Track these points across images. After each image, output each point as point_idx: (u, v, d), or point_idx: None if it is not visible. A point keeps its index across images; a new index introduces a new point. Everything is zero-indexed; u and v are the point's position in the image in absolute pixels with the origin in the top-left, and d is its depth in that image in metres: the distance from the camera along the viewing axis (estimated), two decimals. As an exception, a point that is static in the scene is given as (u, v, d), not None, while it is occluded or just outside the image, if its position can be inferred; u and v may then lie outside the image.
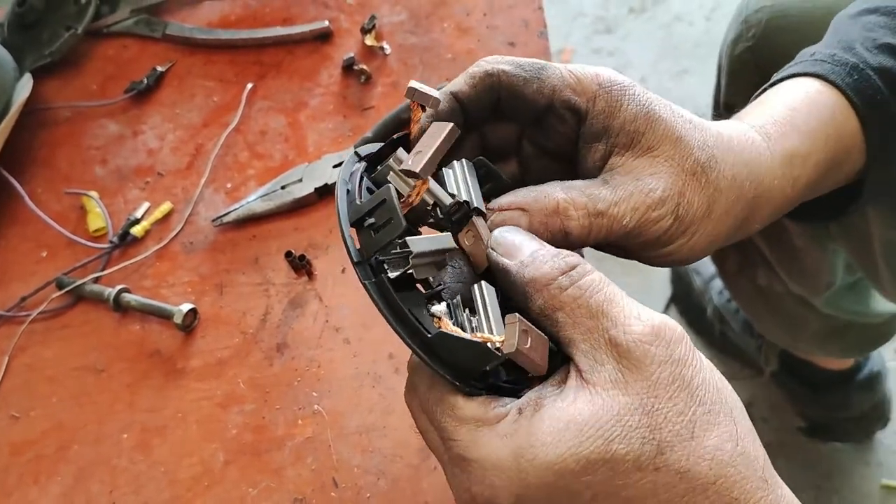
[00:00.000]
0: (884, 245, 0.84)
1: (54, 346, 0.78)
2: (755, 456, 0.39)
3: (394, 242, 0.42)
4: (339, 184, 0.46)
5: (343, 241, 0.44)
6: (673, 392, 0.39)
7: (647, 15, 2.00)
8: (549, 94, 0.49)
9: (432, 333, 0.41)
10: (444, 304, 0.44)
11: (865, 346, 1.25)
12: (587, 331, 0.41)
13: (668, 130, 0.49)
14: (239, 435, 0.70)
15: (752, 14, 0.85)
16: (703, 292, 1.55)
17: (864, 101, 0.57)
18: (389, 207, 0.43)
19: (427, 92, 0.47)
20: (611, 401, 0.39)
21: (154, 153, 0.87)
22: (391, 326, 0.42)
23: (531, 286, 0.42)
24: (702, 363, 0.40)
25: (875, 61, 0.58)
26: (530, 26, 0.84)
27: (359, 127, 0.83)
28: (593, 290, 0.41)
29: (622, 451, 0.38)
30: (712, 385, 0.40)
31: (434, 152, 0.44)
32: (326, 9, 0.91)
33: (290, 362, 0.73)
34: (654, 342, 0.39)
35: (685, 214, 0.49)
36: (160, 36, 0.93)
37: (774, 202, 0.54)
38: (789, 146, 0.54)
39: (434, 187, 0.47)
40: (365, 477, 0.66)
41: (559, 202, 0.47)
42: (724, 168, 0.50)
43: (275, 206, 0.80)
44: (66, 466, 0.71)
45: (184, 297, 0.78)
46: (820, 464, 1.45)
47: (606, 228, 0.48)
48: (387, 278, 0.42)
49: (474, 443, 0.41)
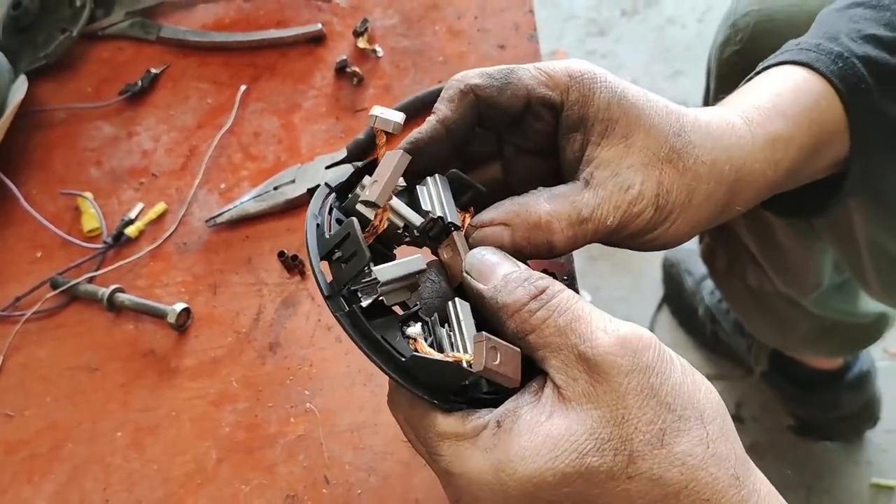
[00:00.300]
0: (869, 244, 0.85)
1: (48, 346, 0.78)
2: (726, 456, 0.40)
3: (361, 273, 0.44)
4: (308, 218, 0.48)
5: (314, 276, 0.45)
6: (642, 401, 0.40)
7: (639, 17, 2.02)
8: (525, 96, 0.50)
9: (406, 357, 0.43)
10: (419, 325, 0.45)
11: (854, 345, 1.27)
12: (557, 349, 0.42)
13: (641, 117, 0.50)
14: (232, 433, 0.71)
15: (740, 18, 0.86)
16: (694, 292, 1.56)
17: (849, 88, 0.58)
18: (353, 240, 0.44)
19: (389, 118, 0.48)
20: (584, 415, 0.40)
21: (148, 154, 0.88)
22: (365, 354, 0.44)
23: (503, 312, 0.44)
24: (672, 367, 0.41)
25: (860, 51, 0.59)
26: (521, 29, 0.85)
27: (351, 129, 0.84)
28: (561, 310, 0.42)
29: (595, 463, 0.39)
30: (683, 389, 0.41)
31: (388, 179, 0.46)
32: (319, 12, 0.92)
33: (283, 361, 0.73)
34: (619, 353, 0.40)
35: (665, 203, 0.50)
36: (154, 38, 0.94)
37: (756, 185, 0.55)
38: (772, 129, 0.55)
39: (402, 209, 0.48)
40: (356, 474, 0.67)
41: (541, 216, 0.48)
42: (701, 153, 0.51)
43: (268, 207, 0.80)
44: (59, 465, 0.72)
45: (177, 296, 0.78)
46: (810, 463, 1.46)
47: (591, 232, 0.49)
48: (359, 308, 0.43)
49: (457, 458, 0.43)
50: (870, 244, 0.85)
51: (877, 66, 0.58)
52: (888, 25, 0.61)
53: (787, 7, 0.81)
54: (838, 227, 0.87)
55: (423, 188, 0.51)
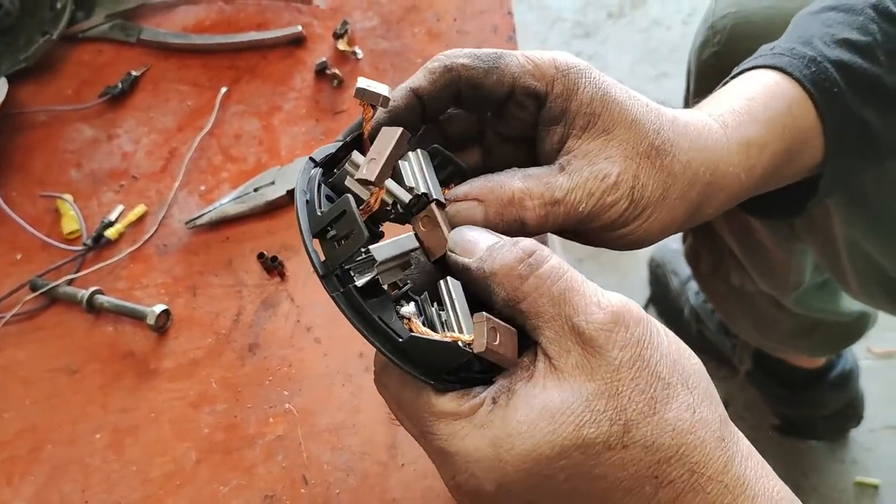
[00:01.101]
0: (847, 245, 0.86)
1: (28, 348, 0.78)
2: (711, 419, 0.42)
3: (358, 252, 0.43)
4: (297, 193, 0.46)
5: (307, 254, 0.44)
6: (634, 373, 0.41)
7: (625, 20, 2.03)
8: (510, 83, 0.50)
9: (404, 338, 0.42)
10: (412, 304, 0.44)
11: (836, 344, 1.27)
12: (551, 319, 0.42)
13: (624, 113, 0.50)
14: (211, 434, 0.71)
15: (718, 20, 0.86)
16: (680, 293, 1.57)
17: (821, 92, 0.58)
18: (350, 218, 0.43)
19: (376, 91, 0.47)
20: (579, 387, 0.40)
21: (128, 157, 0.88)
22: (363, 336, 0.43)
23: (492, 280, 0.43)
24: (659, 338, 0.42)
25: (833, 55, 0.59)
26: (499, 31, 0.86)
27: (331, 130, 0.84)
28: (554, 279, 0.42)
29: (592, 434, 0.40)
30: (669, 357, 0.42)
31: (388, 158, 0.44)
32: (300, 14, 0.93)
33: (262, 362, 0.74)
34: (614, 328, 0.41)
35: (640, 198, 0.50)
36: (135, 41, 0.94)
37: (729, 190, 0.55)
38: (746, 135, 0.55)
39: (392, 187, 0.47)
40: (334, 473, 0.67)
41: (514, 192, 0.48)
42: (678, 153, 0.51)
43: (248, 209, 0.81)
44: (39, 466, 0.72)
45: (157, 298, 0.78)
46: (795, 462, 1.47)
47: (563, 216, 0.49)
48: (354, 288, 0.43)
49: (453, 436, 0.43)
50: (848, 245, 0.86)
51: (849, 70, 0.59)
52: (861, 29, 0.61)
53: (765, 9, 0.82)
54: (818, 228, 0.88)
55: (405, 163, 0.49)
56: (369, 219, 0.47)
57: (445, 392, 0.44)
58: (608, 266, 1.69)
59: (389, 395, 0.47)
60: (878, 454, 1.46)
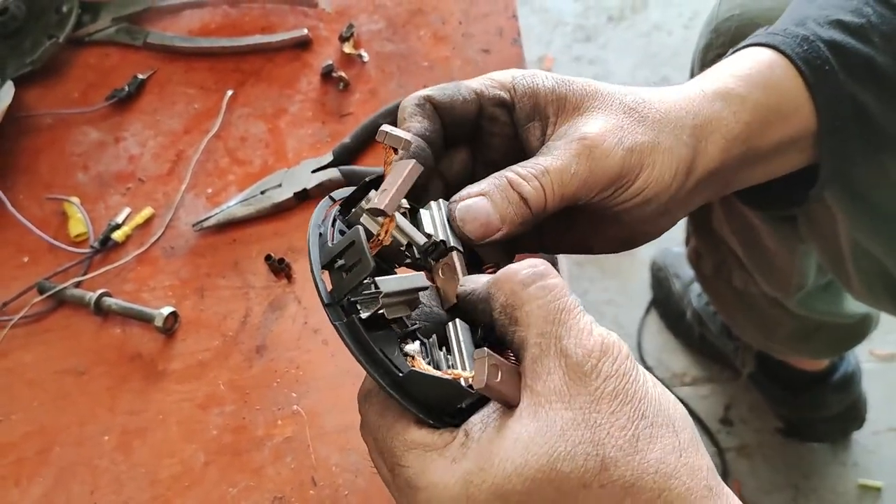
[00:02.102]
0: (851, 246, 0.86)
1: (35, 350, 0.78)
2: (699, 466, 0.39)
3: (364, 282, 0.43)
4: (311, 227, 0.47)
5: (314, 284, 0.44)
6: (615, 406, 0.39)
7: (626, 24, 2.03)
8: (476, 99, 0.53)
9: (404, 372, 0.42)
10: (417, 342, 0.44)
11: (839, 346, 1.28)
12: (541, 335, 0.41)
13: (588, 87, 0.52)
14: (219, 435, 0.71)
15: (721, 23, 0.87)
16: (682, 296, 1.57)
17: (812, 69, 0.58)
18: (358, 248, 0.43)
19: (398, 135, 0.48)
20: (554, 415, 0.39)
21: (135, 159, 0.88)
22: (362, 366, 0.42)
23: (494, 286, 0.43)
24: (644, 377, 0.41)
25: (826, 35, 0.59)
26: (504, 34, 0.86)
27: (337, 133, 0.84)
28: (556, 295, 0.42)
29: (566, 469, 0.38)
30: (654, 398, 0.40)
31: (398, 189, 0.45)
32: (305, 17, 0.93)
33: (270, 364, 0.74)
34: (602, 357, 0.40)
35: (633, 144, 0.51)
36: (141, 44, 0.94)
37: (720, 132, 0.55)
38: (722, 86, 0.56)
39: (406, 227, 0.48)
40: (343, 475, 0.67)
41: (510, 178, 0.50)
42: (654, 103, 0.53)
43: (255, 211, 0.81)
44: (47, 468, 0.72)
45: (165, 300, 0.79)
46: (798, 464, 1.47)
47: (558, 182, 0.49)
48: (358, 319, 0.42)
49: (423, 470, 0.41)
50: (852, 246, 0.86)
51: (842, 51, 0.59)
52: (855, 12, 0.61)
53: (768, 11, 0.82)
54: (821, 228, 0.88)
55: (426, 212, 0.50)
56: (383, 259, 0.48)
57: (423, 425, 0.42)
58: (610, 270, 1.70)
59: (367, 431, 0.46)
60: (880, 457, 1.46)
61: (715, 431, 1.52)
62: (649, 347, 1.63)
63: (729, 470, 1.48)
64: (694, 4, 2.03)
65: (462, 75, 0.85)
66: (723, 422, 1.53)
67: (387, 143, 0.48)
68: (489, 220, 0.49)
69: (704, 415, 1.54)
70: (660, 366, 1.61)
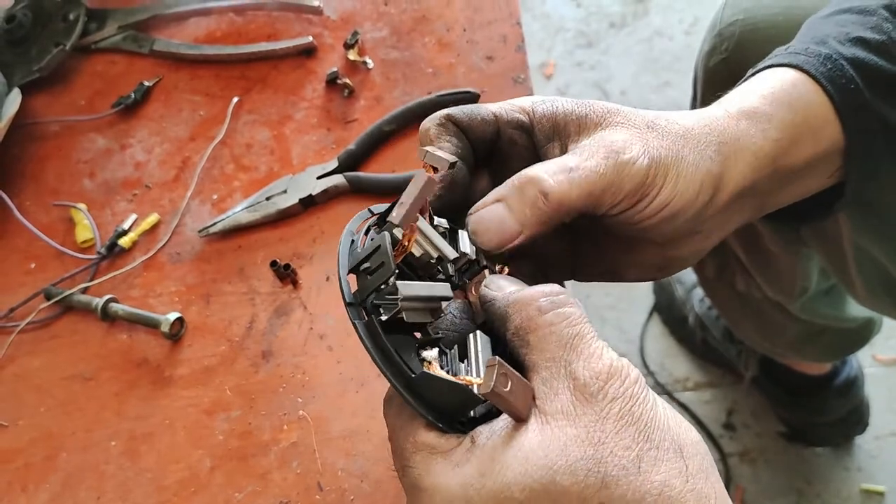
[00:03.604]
0: (854, 250, 0.87)
1: (42, 356, 0.79)
2: (706, 494, 0.39)
3: (386, 284, 0.44)
4: (344, 233, 0.48)
5: (339, 285, 0.45)
6: (621, 427, 0.39)
7: (627, 29, 2.04)
8: (493, 120, 0.53)
9: (416, 373, 0.42)
10: (436, 350, 0.45)
11: (842, 350, 1.28)
12: (551, 359, 0.41)
13: (609, 106, 0.52)
14: (225, 441, 0.71)
15: (725, 27, 0.87)
16: (684, 301, 1.58)
17: (837, 88, 0.57)
18: (382, 252, 0.45)
19: (441, 156, 0.49)
20: (559, 431, 0.39)
21: (141, 166, 0.89)
22: (376, 364, 0.43)
23: (512, 307, 0.44)
24: (654, 402, 0.41)
25: (849, 53, 0.59)
26: (508, 41, 0.87)
27: (342, 139, 0.85)
28: (570, 322, 0.42)
29: (566, 482, 0.38)
30: (663, 423, 0.40)
31: (413, 203, 0.46)
32: (310, 24, 0.94)
33: (276, 369, 0.74)
34: (610, 380, 0.40)
35: (657, 156, 0.49)
36: (147, 52, 0.95)
37: (747, 152, 0.54)
38: (748, 106, 0.55)
39: (438, 241, 0.49)
40: (349, 480, 0.67)
41: (528, 175, 0.49)
42: (678, 120, 0.52)
43: (260, 217, 0.81)
44: (54, 474, 0.72)
45: (171, 306, 0.79)
46: (801, 469, 1.47)
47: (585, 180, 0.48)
48: (378, 320, 0.43)
49: (427, 471, 0.42)
50: (855, 250, 0.87)
51: (865, 68, 0.58)
52: (875, 29, 0.61)
53: (772, 16, 0.83)
54: (825, 233, 0.89)
55: (464, 232, 0.51)
56: (415, 271, 0.49)
57: (432, 428, 0.43)
58: (613, 274, 1.70)
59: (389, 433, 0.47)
60: (883, 461, 1.46)
61: (718, 436, 1.52)
62: (652, 352, 1.63)
63: (732, 475, 1.48)
64: (695, 10, 2.04)
65: (466, 82, 0.85)
66: (726, 427, 1.53)
67: (427, 162, 0.49)
68: (503, 227, 0.48)
69: (707, 420, 1.54)
70: (662, 371, 1.61)
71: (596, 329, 0.43)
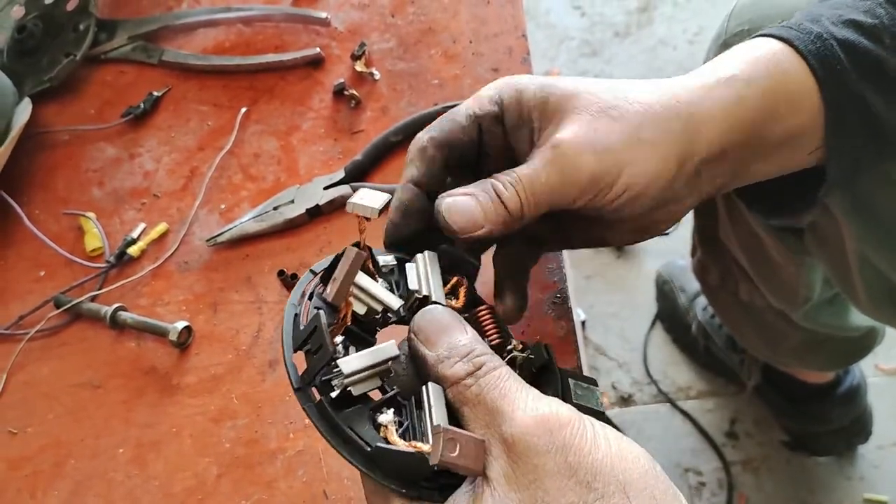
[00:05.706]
0: (858, 259, 0.87)
1: (51, 364, 0.80)
2: None
3: (329, 365, 0.45)
4: (287, 307, 0.49)
5: (286, 368, 0.47)
6: (561, 483, 0.38)
7: (631, 39, 2.05)
8: (475, 120, 0.55)
9: (371, 448, 0.43)
10: (391, 412, 0.45)
11: (845, 359, 1.28)
12: (486, 426, 0.42)
13: (570, 87, 0.53)
14: (232, 449, 0.72)
15: (731, 38, 0.88)
16: (687, 309, 1.58)
17: (821, 64, 0.57)
18: (319, 334, 0.45)
19: (366, 204, 0.49)
20: (506, 498, 0.39)
21: (150, 175, 0.90)
22: (332, 447, 0.44)
23: (443, 382, 0.45)
24: (592, 443, 0.40)
25: (840, 34, 0.58)
26: (514, 53, 0.88)
27: (349, 150, 0.86)
28: (491, 387, 0.43)
29: None
30: (604, 464, 0.39)
31: (344, 279, 0.49)
32: (318, 36, 0.95)
33: (282, 378, 0.75)
34: (535, 433, 0.40)
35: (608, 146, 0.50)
36: (157, 62, 0.96)
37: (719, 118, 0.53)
38: (726, 71, 0.55)
39: (380, 294, 0.50)
40: (354, 488, 0.68)
41: (492, 183, 0.52)
42: (637, 96, 0.52)
43: (267, 227, 0.82)
44: (62, 481, 0.73)
45: (179, 314, 0.80)
46: (803, 478, 1.48)
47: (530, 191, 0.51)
48: (328, 400, 0.44)
49: None
50: (858, 259, 0.87)
51: (854, 50, 0.58)
52: (869, 13, 0.61)
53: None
54: (827, 241, 0.89)
55: (412, 266, 0.53)
56: (362, 328, 0.50)
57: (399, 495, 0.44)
58: (615, 283, 1.71)
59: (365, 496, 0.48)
60: (885, 471, 1.46)
61: (720, 445, 1.52)
62: (654, 361, 1.63)
63: (735, 483, 1.48)
64: (699, 20, 2.04)
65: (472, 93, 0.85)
66: (728, 435, 1.54)
67: (356, 213, 0.50)
68: (473, 216, 0.51)
69: (710, 428, 1.54)
70: (665, 379, 1.61)
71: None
